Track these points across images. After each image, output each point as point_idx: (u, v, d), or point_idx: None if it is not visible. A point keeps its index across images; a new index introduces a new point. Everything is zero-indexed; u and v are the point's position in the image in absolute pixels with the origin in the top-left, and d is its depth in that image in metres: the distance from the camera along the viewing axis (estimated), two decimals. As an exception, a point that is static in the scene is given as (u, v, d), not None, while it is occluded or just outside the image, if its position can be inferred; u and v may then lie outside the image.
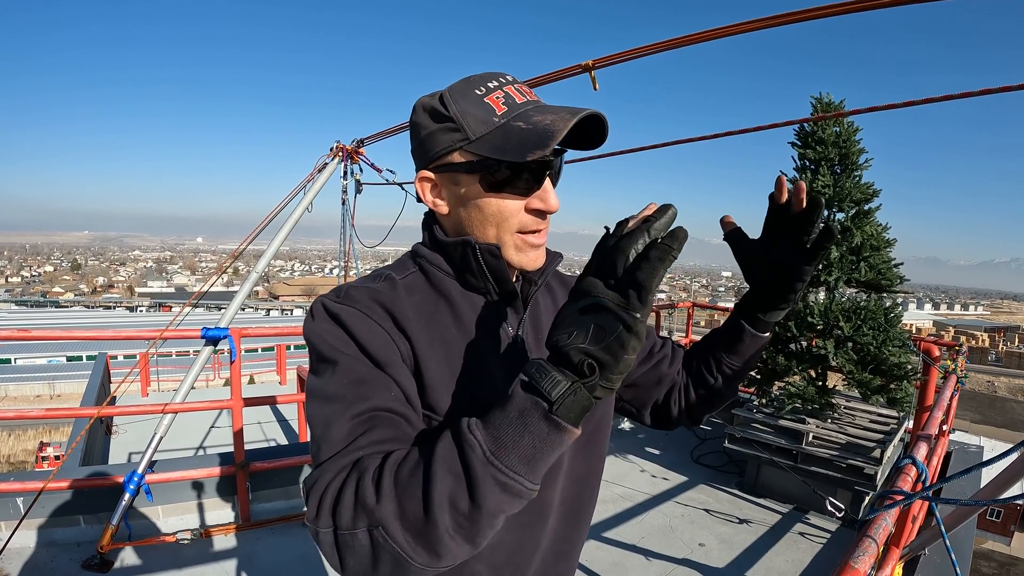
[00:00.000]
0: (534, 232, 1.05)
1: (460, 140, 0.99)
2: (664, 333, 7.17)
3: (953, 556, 1.91)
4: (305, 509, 0.85)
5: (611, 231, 0.82)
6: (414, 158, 1.09)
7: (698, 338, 1.49)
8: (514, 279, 1.15)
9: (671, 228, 0.77)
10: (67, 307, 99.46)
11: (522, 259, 1.07)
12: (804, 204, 1.06)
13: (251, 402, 4.31)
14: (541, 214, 1.04)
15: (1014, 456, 1.89)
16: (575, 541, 1.26)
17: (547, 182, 1.03)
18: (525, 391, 0.75)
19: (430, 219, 1.14)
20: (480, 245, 1.03)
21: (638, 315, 0.73)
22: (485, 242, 1.04)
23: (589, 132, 1.04)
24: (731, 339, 1.26)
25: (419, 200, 1.12)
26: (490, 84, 1.01)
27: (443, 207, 1.08)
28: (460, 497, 0.72)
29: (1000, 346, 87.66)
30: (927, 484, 1.92)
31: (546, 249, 1.17)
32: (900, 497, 1.74)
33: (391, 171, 5.10)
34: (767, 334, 1.24)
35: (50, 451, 20.93)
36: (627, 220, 0.82)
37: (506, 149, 0.96)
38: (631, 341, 0.73)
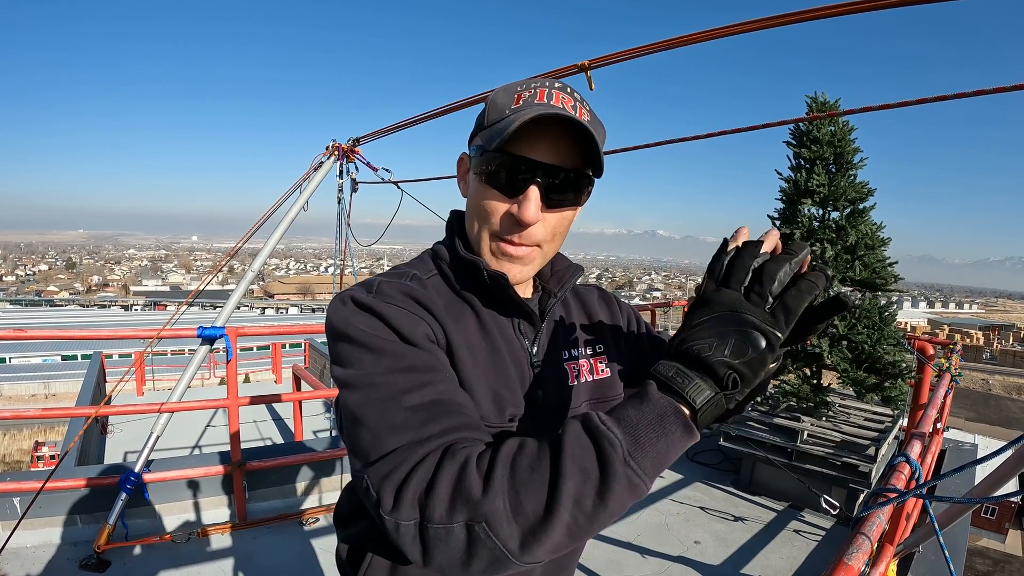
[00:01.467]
0: (509, 242, 1.02)
1: (479, 125, 1.03)
2: (659, 330, 7.18)
3: (947, 553, 1.92)
4: (376, 499, 0.77)
5: (729, 245, 0.82)
6: None
7: None
8: (533, 291, 1.17)
9: (814, 266, 0.79)
10: (62, 306, 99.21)
11: (499, 266, 1.05)
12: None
13: (247, 401, 4.31)
14: (517, 224, 1.00)
15: (1007, 454, 1.91)
16: (573, 553, 1.27)
17: (532, 191, 0.97)
18: (665, 393, 0.74)
19: (455, 220, 1.15)
20: (488, 272, 1.03)
21: (781, 336, 0.74)
22: (492, 269, 1.03)
23: (585, 153, 1.00)
24: None
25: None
26: (534, 84, 1.01)
27: (464, 188, 1.10)
28: (587, 495, 0.70)
29: (995, 344, 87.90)
30: (920, 482, 1.94)
31: (567, 260, 1.19)
32: (893, 495, 1.75)
33: (387, 170, 5.10)
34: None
35: (45, 451, 20.87)
36: (749, 241, 0.82)
37: (491, 138, 0.97)
38: (771, 358, 0.74)
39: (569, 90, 1.01)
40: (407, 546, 0.75)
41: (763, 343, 0.72)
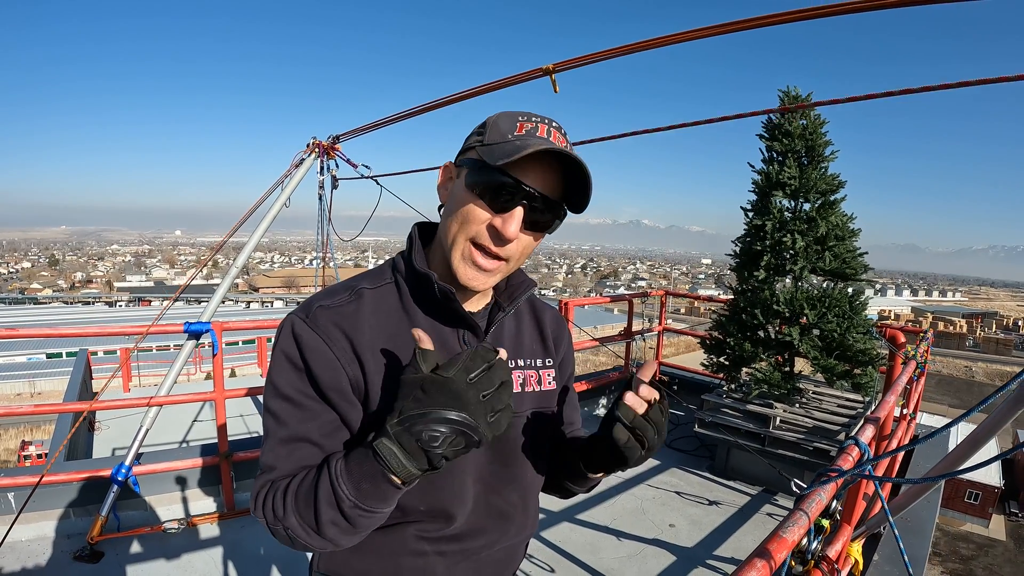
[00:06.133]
0: (485, 252, 1.12)
1: (476, 141, 1.12)
2: (640, 320, 7.28)
3: (896, 531, 2.03)
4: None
5: None
6: None
7: (675, 325, 1.50)
8: (484, 305, 1.27)
9: None
10: (46, 303, 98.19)
11: (463, 271, 1.13)
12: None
13: (233, 394, 4.39)
14: (498, 237, 1.09)
15: (956, 429, 2.03)
16: (517, 472, 1.30)
17: (517, 211, 1.09)
18: (379, 465, 0.97)
19: (415, 233, 1.24)
20: (438, 285, 1.13)
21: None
22: (442, 284, 1.13)
23: (576, 191, 1.13)
24: (572, 463, 1.30)
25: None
26: (534, 118, 1.12)
27: (444, 194, 1.20)
28: (339, 520, 1.02)
29: (978, 332, 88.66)
30: (868, 461, 2.06)
31: (523, 276, 1.29)
32: (834, 474, 1.88)
33: (366, 166, 5.18)
34: (594, 477, 1.31)
35: (32, 449, 20.74)
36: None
37: (491, 154, 1.06)
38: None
39: (563, 131, 1.14)
40: (266, 530, 1.11)
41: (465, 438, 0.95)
